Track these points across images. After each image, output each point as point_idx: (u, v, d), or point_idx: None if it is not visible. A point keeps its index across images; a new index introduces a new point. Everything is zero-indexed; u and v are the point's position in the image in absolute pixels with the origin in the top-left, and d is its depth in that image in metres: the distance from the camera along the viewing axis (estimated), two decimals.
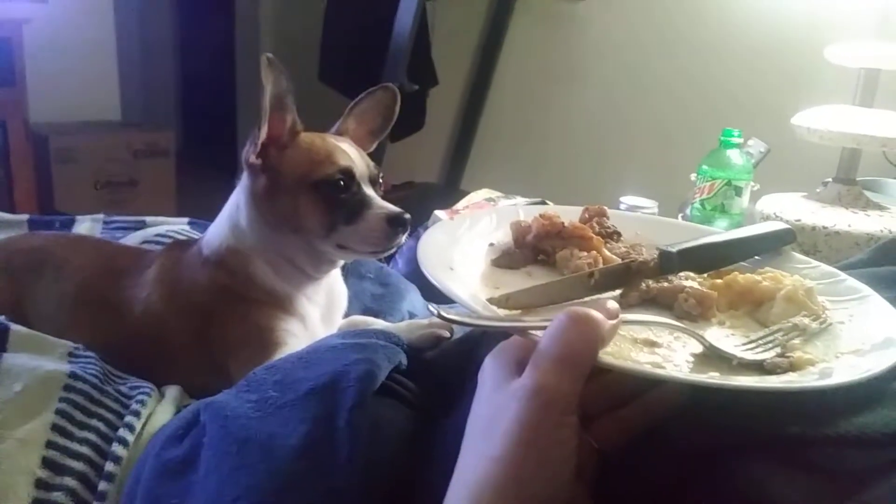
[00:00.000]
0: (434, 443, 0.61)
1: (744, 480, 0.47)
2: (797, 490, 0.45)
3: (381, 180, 0.98)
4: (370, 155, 1.01)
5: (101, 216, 1.32)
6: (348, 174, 0.92)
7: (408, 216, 0.92)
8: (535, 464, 0.44)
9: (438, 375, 0.70)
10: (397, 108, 1.04)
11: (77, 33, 3.18)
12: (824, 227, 1.38)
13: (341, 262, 1.01)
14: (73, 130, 3.12)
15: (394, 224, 0.92)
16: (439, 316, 0.50)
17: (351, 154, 0.94)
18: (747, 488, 0.46)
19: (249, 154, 0.93)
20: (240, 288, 0.93)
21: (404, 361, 0.69)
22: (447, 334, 0.82)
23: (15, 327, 0.87)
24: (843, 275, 0.67)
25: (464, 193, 1.84)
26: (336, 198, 0.92)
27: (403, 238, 0.93)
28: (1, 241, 1.15)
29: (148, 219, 1.31)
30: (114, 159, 3.14)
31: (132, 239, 1.23)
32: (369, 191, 0.95)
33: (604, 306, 0.48)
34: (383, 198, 0.96)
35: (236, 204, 0.97)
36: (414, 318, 1.05)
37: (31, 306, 1.01)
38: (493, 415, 0.46)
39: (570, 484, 0.45)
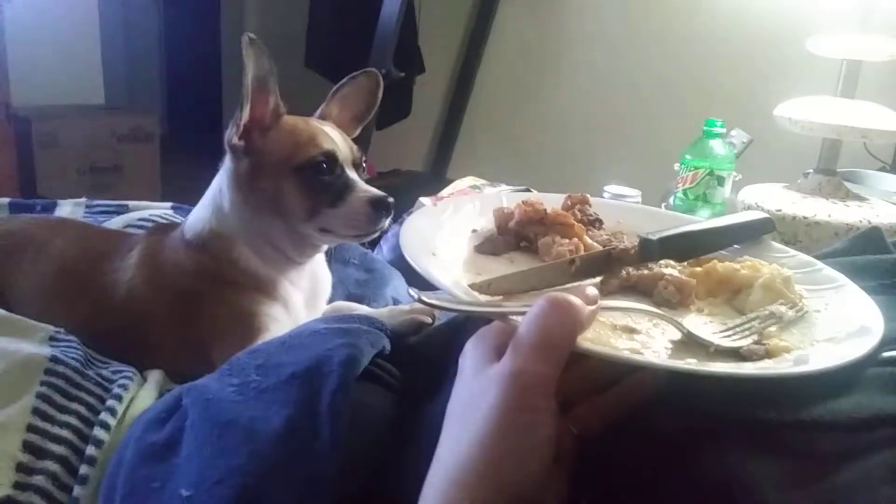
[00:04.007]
0: (416, 427, 0.61)
1: (719, 464, 0.47)
2: (771, 473, 0.46)
3: (364, 164, 0.98)
4: (355, 141, 1.01)
5: (83, 200, 1.31)
6: (331, 157, 0.92)
7: (391, 200, 0.92)
8: (514, 448, 0.44)
9: (421, 361, 0.70)
10: (380, 93, 1.04)
11: (60, 15, 3.15)
12: (804, 217, 1.40)
13: (325, 247, 1.01)
14: (56, 114, 3.08)
15: (377, 207, 0.91)
16: (420, 301, 0.50)
17: (334, 137, 0.94)
18: (723, 472, 0.47)
19: (232, 136, 0.92)
20: (222, 271, 0.93)
21: (387, 346, 0.69)
22: (429, 320, 0.82)
23: None
24: (820, 264, 0.68)
25: (449, 181, 1.84)
26: (319, 181, 0.91)
27: (387, 222, 0.93)
28: None
29: (130, 203, 1.30)
30: (98, 144, 3.11)
31: (115, 223, 1.22)
32: (353, 174, 0.94)
33: (583, 292, 0.48)
34: (368, 183, 0.95)
35: (219, 187, 0.96)
36: (398, 305, 1.05)
37: (12, 290, 1.01)
38: (473, 399, 0.46)
39: (549, 468, 0.46)
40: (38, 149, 2.95)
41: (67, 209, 1.28)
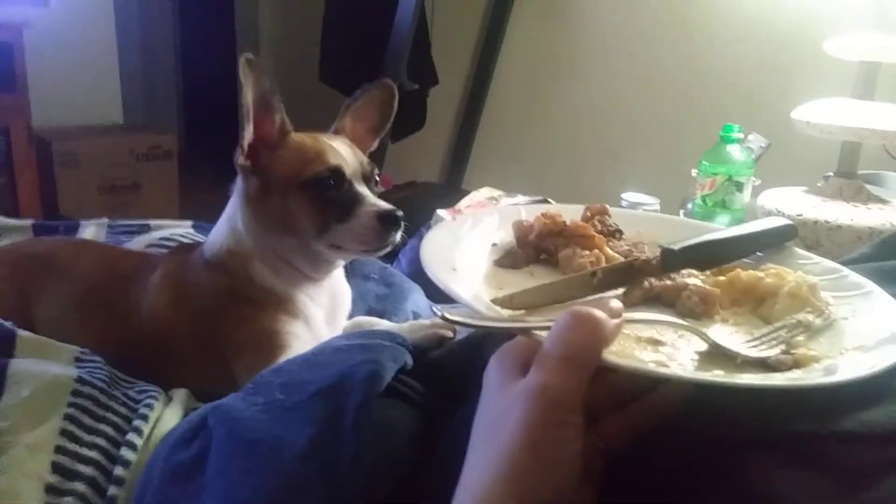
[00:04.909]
0: (439, 443, 0.61)
1: (750, 477, 0.47)
2: (803, 487, 0.45)
3: (376, 177, 0.98)
4: (371, 154, 1.01)
5: (105, 220, 1.33)
6: (338, 172, 0.92)
7: (400, 213, 0.91)
8: (541, 464, 0.44)
9: (443, 375, 0.70)
10: (395, 104, 1.03)
11: (78, 37, 3.19)
12: (826, 222, 1.38)
13: (340, 263, 1.01)
14: (76, 134, 3.12)
15: (385, 222, 0.90)
16: (443, 318, 0.50)
17: (342, 152, 0.94)
18: (754, 485, 0.46)
19: (238, 156, 0.93)
20: (241, 290, 0.93)
21: (409, 362, 0.69)
22: (450, 334, 0.82)
23: (22, 333, 0.88)
24: (845, 270, 0.67)
25: (465, 193, 1.84)
26: (326, 196, 0.91)
27: (398, 236, 0.92)
28: (6, 246, 1.15)
29: (152, 223, 1.32)
30: (117, 163, 3.14)
31: (137, 243, 1.23)
32: (362, 188, 0.94)
33: (607, 305, 0.48)
34: (382, 197, 0.95)
35: (234, 207, 0.97)
36: (418, 319, 1.05)
37: (38, 311, 1.02)
38: (498, 416, 0.46)
39: (576, 483, 0.45)
40: (58, 169, 2.98)
41: (91, 230, 1.30)
